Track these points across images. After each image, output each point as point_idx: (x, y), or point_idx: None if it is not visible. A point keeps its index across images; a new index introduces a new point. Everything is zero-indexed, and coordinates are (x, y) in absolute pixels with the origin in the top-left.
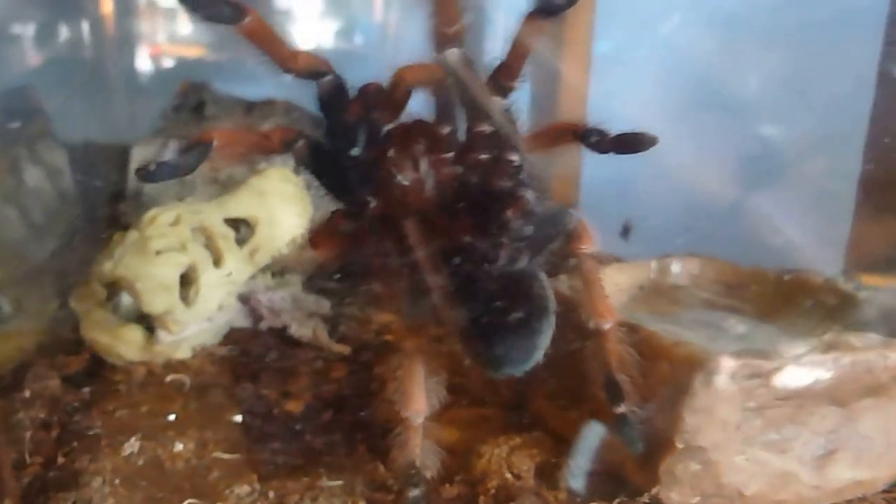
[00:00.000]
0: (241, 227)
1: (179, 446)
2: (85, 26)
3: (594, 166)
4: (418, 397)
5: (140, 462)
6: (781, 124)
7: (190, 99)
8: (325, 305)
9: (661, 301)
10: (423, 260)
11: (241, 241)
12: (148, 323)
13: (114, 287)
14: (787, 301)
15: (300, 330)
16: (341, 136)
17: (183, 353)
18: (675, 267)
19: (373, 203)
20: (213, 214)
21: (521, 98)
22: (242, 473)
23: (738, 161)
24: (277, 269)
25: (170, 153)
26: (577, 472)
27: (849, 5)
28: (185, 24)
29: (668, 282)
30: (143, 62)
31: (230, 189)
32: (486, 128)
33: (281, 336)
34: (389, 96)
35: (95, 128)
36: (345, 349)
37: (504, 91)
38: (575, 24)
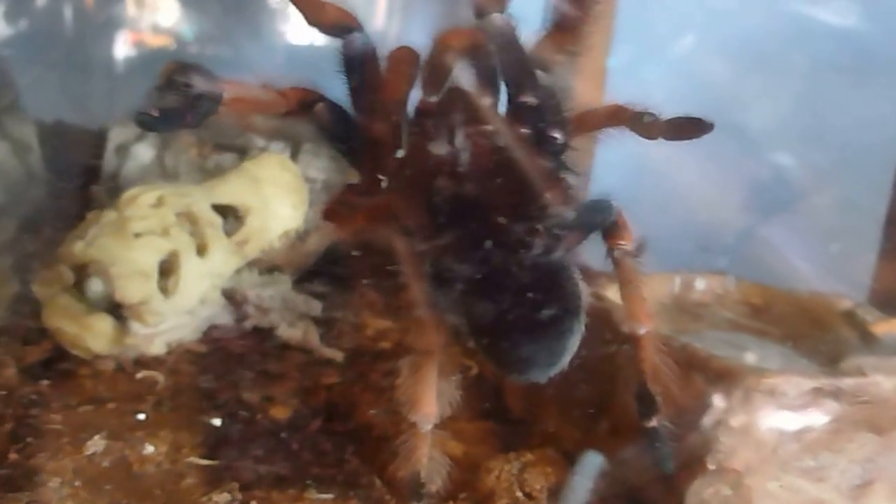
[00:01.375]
0: (231, 216)
1: (150, 448)
2: (66, 2)
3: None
4: (429, 400)
5: (105, 463)
6: (799, 155)
7: (176, 80)
8: (316, 307)
9: (684, 318)
10: (450, 241)
11: (229, 231)
12: (119, 313)
13: (84, 270)
14: (814, 325)
15: (289, 331)
16: (367, 101)
17: (157, 349)
18: (700, 284)
19: (399, 176)
20: (201, 199)
21: None
22: (221, 481)
23: (753, 188)
24: (266, 267)
25: (173, 100)
26: None
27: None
28: (171, 12)
29: (691, 299)
30: (125, 45)
31: (220, 175)
32: (529, 99)
33: (268, 337)
34: (430, 67)
35: (71, 107)
36: (337, 354)
37: (547, 65)
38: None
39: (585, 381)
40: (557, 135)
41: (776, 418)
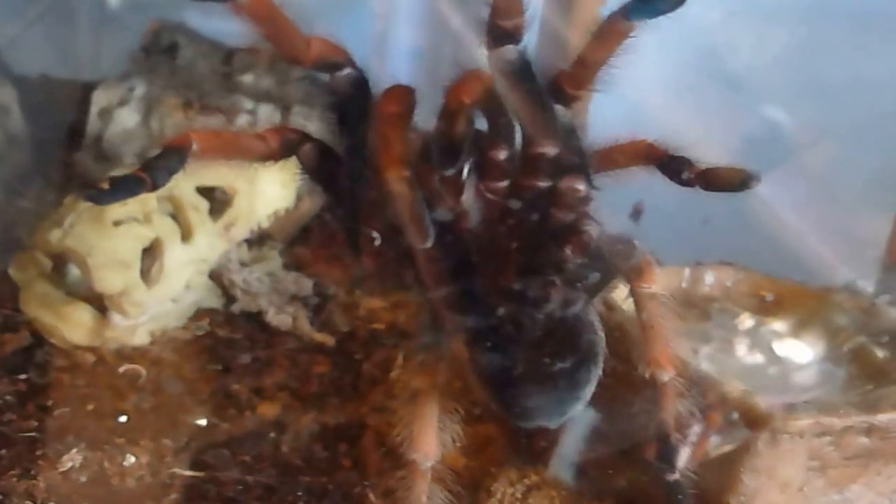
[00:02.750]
0: (217, 198)
1: (131, 459)
2: None
3: None
4: (429, 439)
5: (83, 478)
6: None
7: (162, 40)
8: (306, 285)
9: (692, 313)
10: (455, 302)
11: (215, 214)
12: (101, 302)
13: (62, 257)
14: (826, 318)
15: (278, 317)
16: (360, 146)
17: (140, 339)
18: (709, 277)
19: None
20: (184, 182)
21: None
22: (206, 496)
23: (753, 146)
24: (255, 238)
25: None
26: None
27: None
28: None
29: (700, 292)
30: None
31: None
32: (547, 150)
33: (256, 321)
34: (442, 135)
35: (53, 64)
36: (328, 339)
37: (567, 101)
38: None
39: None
40: (579, 186)
41: (803, 459)
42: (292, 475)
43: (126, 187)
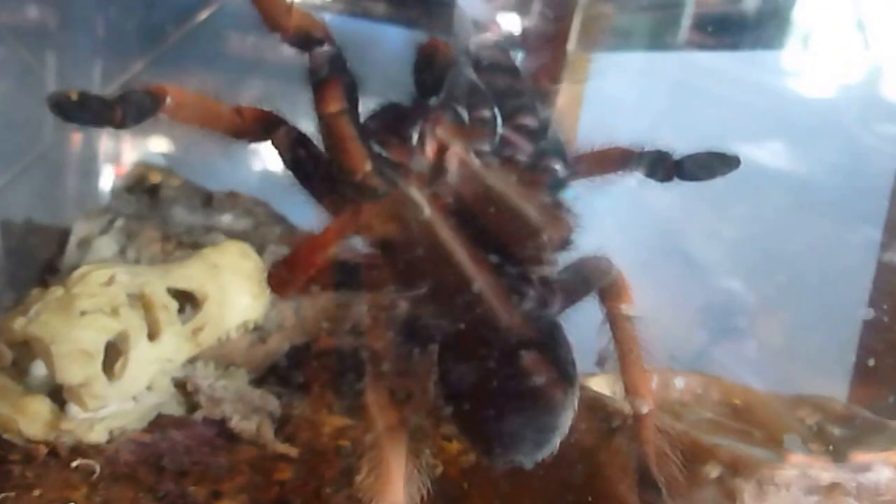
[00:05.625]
0: (188, 302)
1: None
2: None
3: None
4: (395, 488)
5: None
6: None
7: (145, 181)
8: (272, 402)
9: (663, 417)
10: (428, 292)
11: (184, 318)
12: (60, 396)
13: (26, 350)
14: (797, 428)
15: (242, 423)
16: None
17: (97, 436)
18: (679, 383)
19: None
20: (156, 281)
21: None
22: None
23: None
24: (222, 364)
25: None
26: None
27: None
28: None
29: (670, 398)
30: None
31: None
32: (527, 121)
33: (219, 429)
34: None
35: (39, 211)
36: (291, 450)
37: (544, 95)
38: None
39: (572, 477)
40: (557, 166)
41: None
42: None
43: (94, 109)
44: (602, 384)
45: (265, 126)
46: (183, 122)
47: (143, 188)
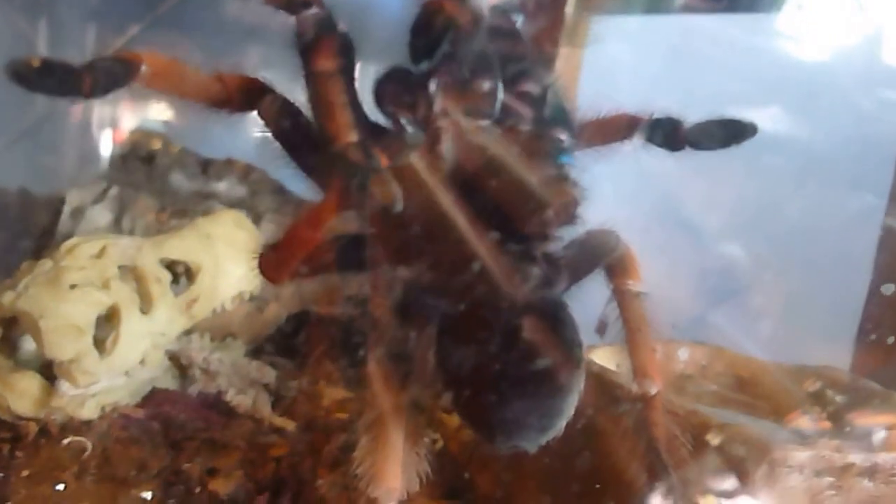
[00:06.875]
0: (182, 274)
1: None
2: None
3: None
4: (392, 472)
5: None
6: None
7: (140, 148)
8: (269, 374)
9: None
10: (427, 270)
11: (177, 289)
12: (50, 372)
13: (14, 324)
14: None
15: (238, 397)
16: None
17: (89, 412)
18: (683, 354)
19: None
20: (148, 253)
21: None
22: None
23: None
24: (219, 334)
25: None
26: None
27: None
28: None
29: (674, 370)
30: None
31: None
32: (531, 88)
33: (214, 403)
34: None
35: (34, 179)
36: (288, 424)
37: (548, 60)
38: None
39: (573, 452)
40: (562, 135)
41: (804, 498)
42: None
43: (59, 77)
44: (606, 356)
45: (249, 94)
46: (160, 91)
47: (139, 156)
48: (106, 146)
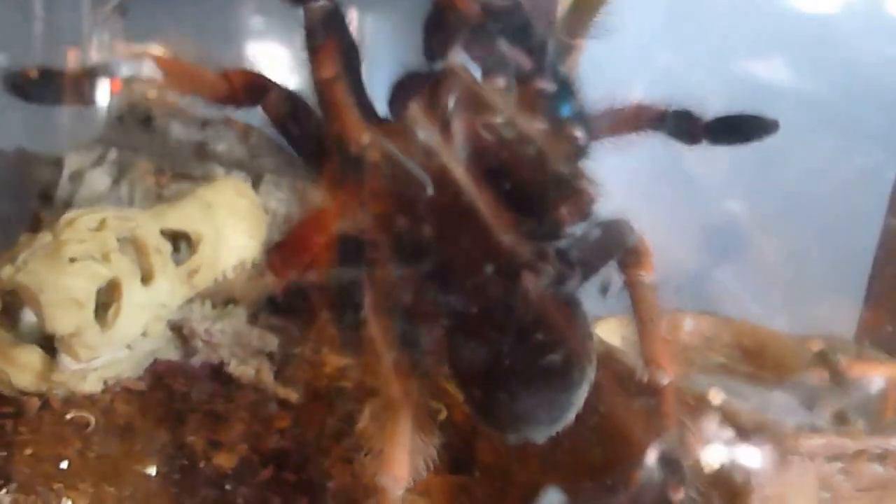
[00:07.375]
0: (181, 243)
1: (67, 503)
2: None
3: None
4: (400, 461)
5: None
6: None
7: (137, 110)
8: (271, 342)
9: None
10: (436, 267)
11: (179, 260)
12: (52, 345)
13: (12, 298)
14: (808, 369)
15: (240, 368)
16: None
17: (91, 386)
18: (688, 324)
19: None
20: (148, 224)
21: None
22: None
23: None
24: (220, 300)
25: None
26: None
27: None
28: None
29: (679, 340)
30: None
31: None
32: (546, 85)
33: (217, 374)
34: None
35: (33, 140)
36: (291, 394)
37: (564, 51)
38: None
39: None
40: (578, 133)
41: (815, 489)
42: None
43: (59, 86)
44: (610, 329)
45: (254, 91)
46: (167, 89)
47: (135, 117)
48: (103, 97)
